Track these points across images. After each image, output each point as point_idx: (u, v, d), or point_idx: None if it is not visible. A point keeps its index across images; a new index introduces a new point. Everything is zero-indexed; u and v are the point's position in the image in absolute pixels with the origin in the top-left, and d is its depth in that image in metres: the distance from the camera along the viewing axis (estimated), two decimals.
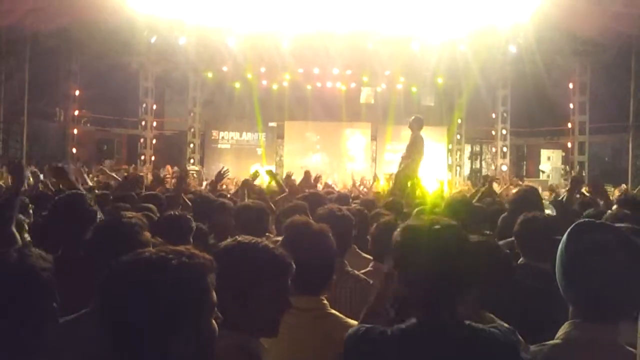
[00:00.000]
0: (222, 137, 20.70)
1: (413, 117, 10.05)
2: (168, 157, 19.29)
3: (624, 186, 12.08)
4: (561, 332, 1.68)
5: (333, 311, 2.17)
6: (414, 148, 9.25)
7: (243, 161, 19.46)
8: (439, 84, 19.42)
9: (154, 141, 19.82)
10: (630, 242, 1.67)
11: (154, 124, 20.04)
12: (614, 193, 9.19)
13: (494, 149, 20.22)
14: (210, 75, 19.44)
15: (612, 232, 1.68)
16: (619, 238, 1.66)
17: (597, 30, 13.86)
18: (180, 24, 15.45)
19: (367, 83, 19.82)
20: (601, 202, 5.20)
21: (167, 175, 12.48)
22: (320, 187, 11.58)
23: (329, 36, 15.56)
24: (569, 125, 18.41)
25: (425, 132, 20.37)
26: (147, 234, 2.29)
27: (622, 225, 2.21)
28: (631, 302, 1.61)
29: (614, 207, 4.60)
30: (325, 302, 2.18)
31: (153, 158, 19.29)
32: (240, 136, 20.72)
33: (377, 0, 13.78)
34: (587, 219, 1.80)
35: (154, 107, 19.86)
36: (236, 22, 15.38)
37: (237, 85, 19.81)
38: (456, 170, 20.64)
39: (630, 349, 1.61)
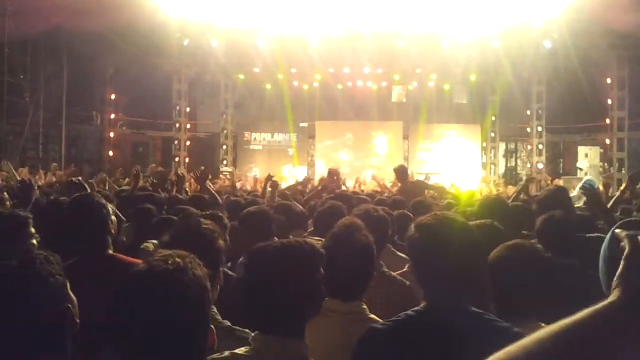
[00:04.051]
0: (255, 139, 20.87)
1: (398, 167, 8.13)
2: (202, 159, 19.54)
3: None
4: None
5: (372, 316, 2.16)
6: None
7: (275, 162, 19.59)
8: (472, 82, 19.17)
9: (188, 143, 20.09)
10: None
11: (188, 126, 20.31)
12: None
13: (529, 147, 19.85)
14: (241, 77, 19.62)
15: None
16: None
17: (635, 24, 13.48)
18: (211, 27, 15.63)
19: (399, 82, 19.71)
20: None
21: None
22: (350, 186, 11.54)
23: (358, 36, 15.51)
24: (607, 121, 17.94)
25: (459, 131, 20.61)
26: (222, 242, 2.29)
27: None
28: None
29: None
30: (365, 306, 2.17)
31: (187, 160, 19.55)
32: (272, 137, 20.84)
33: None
34: (632, 218, 1.75)
35: (188, 109, 20.13)
36: (266, 24, 15.47)
37: (268, 86, 19.96)
38: (491, 169, 20.35)
39: None
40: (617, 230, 0.96)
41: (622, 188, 5.22)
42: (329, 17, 14.81)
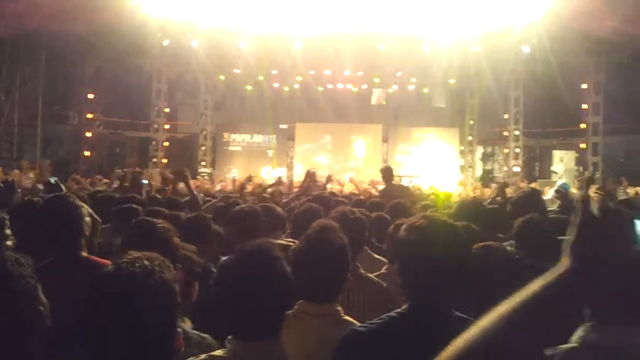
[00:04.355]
0: (234, 140, 20.79)
1: (384, 167, 8.38)
2: (180, 159, 19.39)
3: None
4: (578, 335, 1.66)
5: (347, 317, 2.15)
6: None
7: (254, 163, 19.53)
8: (451, 85, 19.35)
9: (166, 144, 19.92)
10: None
11: (167, 126, 20.14)
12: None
13: (506, 150, 20.09)
14: (222, 78, 19.52)
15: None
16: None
17: (611, 31, 13.74)
18: (193, 27, 15.52)
19: (379, 84, 19.79)
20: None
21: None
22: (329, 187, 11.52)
23: (340, 38, 15.55)
24: (583, 126, 18.24)
25: (437, 134, 20.78)
26: (177, 240, 2.30)
27: None
28: None
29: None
30: (339, 308, 2.17)
31: (165, 161, 19.38)
32: (252, 138, 20.79)
33: (388, 2, 13.74)
34: None
35: (167, 110, 19.97)
36: (248, 25, 15.41)
37: (249, 87, 19.89)
38: (468, 172, 20.55)
39: None
40: (575, 192, 1.00)
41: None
42: (311, 19, 14.80)
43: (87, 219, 2.79)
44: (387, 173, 7.84)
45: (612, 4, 12.22)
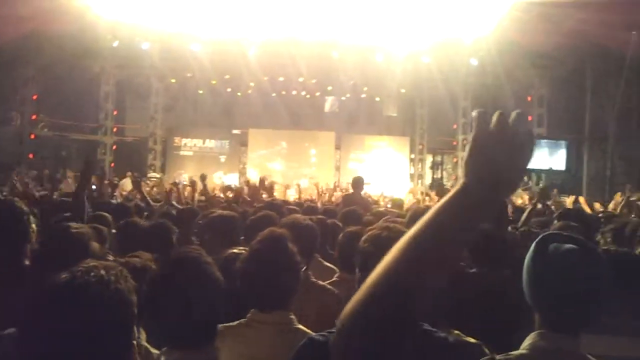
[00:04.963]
0: (185, 144, 20.49)
1: (356, 177, 8.69)
2: (128, 164, 18.92)
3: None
4: (527, 342, 1.70)
5: (300, 326, 2.14)
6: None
7: (205, 168, 19.19)
8: (402, 95, 19.67)
9: (114, 147, 19.43)
10: (595, 254, 1.72)
11: (114, 129, 19.64)
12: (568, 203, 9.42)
13: (454, 159, 20.56)
14: (173, 81, 19.21)
15: (577, 243, 1.72)
16: (585, 249, 1.70)
17: (554, 45, 14.32)
18: (144, 29, 15.25)
19: (332, 92, 19.92)
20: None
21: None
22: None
23: (294, 44, 15.60)
24: None
25: (389, 142, 21.04)
26: (96, 245, 2.22)
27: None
28: (595, 312, 1.66)
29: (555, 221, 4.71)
30: (293, 316, 2.16)
31: (112, 165, 18.89)
32: (204, 143, 20.53)
33: (343, 10, 13.87)
34: (554, 231, 1.84)
35: (115, 112, 19.48)
36: (201, 28, 15.26)
37: (201, 91, 19.63)
38: (418, 180, 20.90)
39: (592, 358, 1.66)
40: (475, 112, 1.01)
41: (533, 201, 5.53)
42: (265, 24, 14.79)
43: (34, 225, 2.68)
44: (356, 183, 8.14)
45: (554, 20, 12.75)
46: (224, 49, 16.00)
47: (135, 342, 1.37)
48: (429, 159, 21.57)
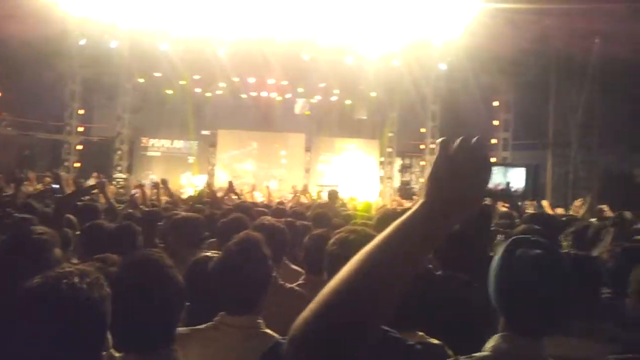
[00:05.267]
0: (152, 145, 20.22)
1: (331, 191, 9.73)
2: (94, 164, 18.56)
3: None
4: (490, 344, 1.73)
5: (267, 330, 2.14)
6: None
7: (173, 169, 19.02)
8: (373, 98, 19.79)
9: (80, 147, 19.03)
10: (560, 259, 1.76)
11: (81, 129, 19.24)
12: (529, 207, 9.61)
13: (422, 163, 20.77)
14: (142, 80, 18.93)
15: (544, 248, 1.75)
16: (550, 255, 1.74)
17: (519, 51, 14.63)
18: (113, 27, 15.00)
19: (302, 94, 19.92)
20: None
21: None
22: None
23: (265, 45, 15.56)
24: (494, 141, 19.20)
25: (358, 145, 21.17)
26: (58, 251, 2.17)
27: None
28: (559, 316, 1.70)
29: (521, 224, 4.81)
30: (261, 320, 2.15)
31: (78, 165, 18.51)
32: (172, 144, 20.30)
33: (315, 12, 13.90)
34: (521, 236, 1.87)
35: (82, 112, 19.08)
36: (170, 27, 15.09)
37: (169, 92, 19.40)
38: (387, 183, 21.05)
39: None
40: (438, 140, 1.08)
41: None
42: (236, 24, 14.71)
43: None
44: (332, 195, 8.86)
45: (520, 27, 13.02)
46: (194, 49, 15.85)
47: (105, 353, 1.33)
48: (398, 162, 21.75)
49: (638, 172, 17.57)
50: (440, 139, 1.08)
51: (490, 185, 1.04)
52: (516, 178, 12.46)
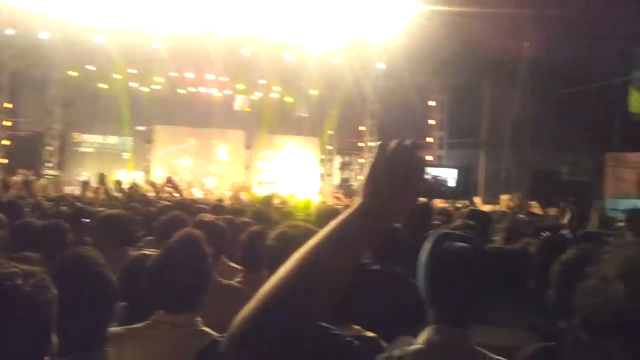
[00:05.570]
0: (85, 140, 19.55)
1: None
2: (22, 160, 17.73)
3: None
4: (423, 336, 1.80)
5: (205, 328, 2.13)
6: None
7: (107, 166, 18.38)
8: (313, 96, 19.87)
9: (6, 142, 18.12)
10: (483, 252, 1.85)
11: (8, 123, 18.32)
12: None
13: (361, 160, 21.05)
14: (75, 74, 18.22)
15: (470, 242, 1.84)
16: (475, 247, 1.82)
17: (454, 53, 15.10)
18: (44, 17, 14.37)
19: (242, 91, 19.74)
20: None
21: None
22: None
23: (203, 39, 15.30)
24: (430, 140, 19.70)
25: (299, 142, 21.23)
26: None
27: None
28: (484, 306, 1.79)
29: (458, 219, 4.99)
30: (199, 318, 2.14)
31: (4, 161, 17.63)
32: (105, 140, 19.69)
33: (255, 7, 13.83)
34: (448, 230, 1.95)
35: (9, 105, 18.17)
36: (104, 19, 14.62)
37: (103, 86, 18.77)
38: (327, 180, 21.22)
39: (480, 349, 1.79)
40: (375, 144, 1.14)
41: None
42: (174, 17, 14.42)
43: None
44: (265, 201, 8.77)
45: (455, 29, 13.43)
46: (130, 42, 15.39)
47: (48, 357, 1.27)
48: (337, 160, 21.94)
49: (564, 170, 18.50)
50: (378, 142, 1.12)
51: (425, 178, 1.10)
52: (448, 177, 12.81)
